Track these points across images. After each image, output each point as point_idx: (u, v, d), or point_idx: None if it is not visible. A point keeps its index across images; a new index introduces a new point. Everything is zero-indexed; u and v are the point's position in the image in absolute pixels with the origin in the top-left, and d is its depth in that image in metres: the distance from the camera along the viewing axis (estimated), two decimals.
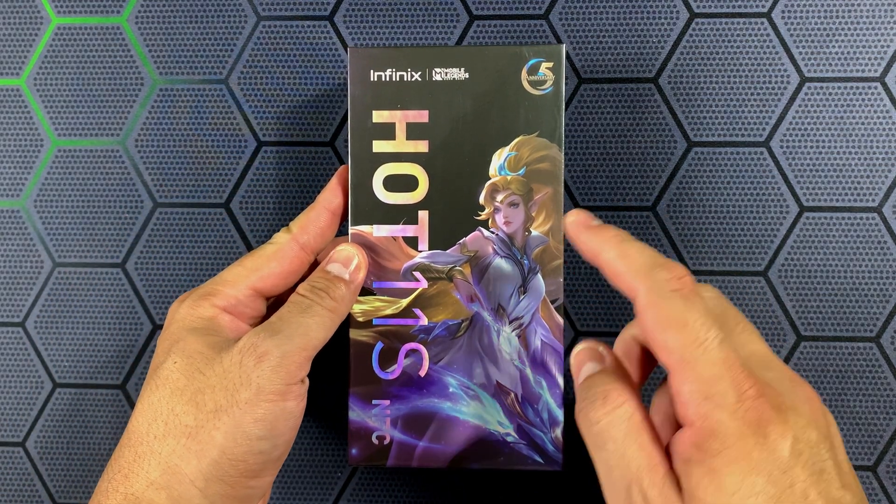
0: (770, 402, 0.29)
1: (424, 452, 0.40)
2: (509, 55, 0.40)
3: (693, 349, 0.30)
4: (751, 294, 0.45)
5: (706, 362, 0.30)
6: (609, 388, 0.32)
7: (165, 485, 0.34)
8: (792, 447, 0.29)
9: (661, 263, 0.32)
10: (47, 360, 0.48)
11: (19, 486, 0.48)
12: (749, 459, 0.28)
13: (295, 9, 0.47)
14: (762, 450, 0.28)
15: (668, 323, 0.31)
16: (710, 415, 0.29)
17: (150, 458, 0.34)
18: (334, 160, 0.47)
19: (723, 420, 0.29)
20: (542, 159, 0.39)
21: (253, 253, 0.39)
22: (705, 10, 0.46)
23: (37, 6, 0.48)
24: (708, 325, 0.30)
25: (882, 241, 0.45)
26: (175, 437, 0.35)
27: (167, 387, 0.36)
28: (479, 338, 0.40)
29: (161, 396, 0.36)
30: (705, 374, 0.29)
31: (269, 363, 0.35)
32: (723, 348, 0.30)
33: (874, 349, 0.45)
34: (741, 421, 0.29)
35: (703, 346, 0.30)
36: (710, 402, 0.29)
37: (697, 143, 0.46)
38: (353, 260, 0.39)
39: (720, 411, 0.29)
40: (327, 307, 0.38)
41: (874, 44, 0.45)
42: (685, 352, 0.30)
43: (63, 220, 0.48)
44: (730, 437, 0.29)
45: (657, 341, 0.31)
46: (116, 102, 0.47)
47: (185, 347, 0.36)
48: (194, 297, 0.38)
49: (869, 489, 0.45)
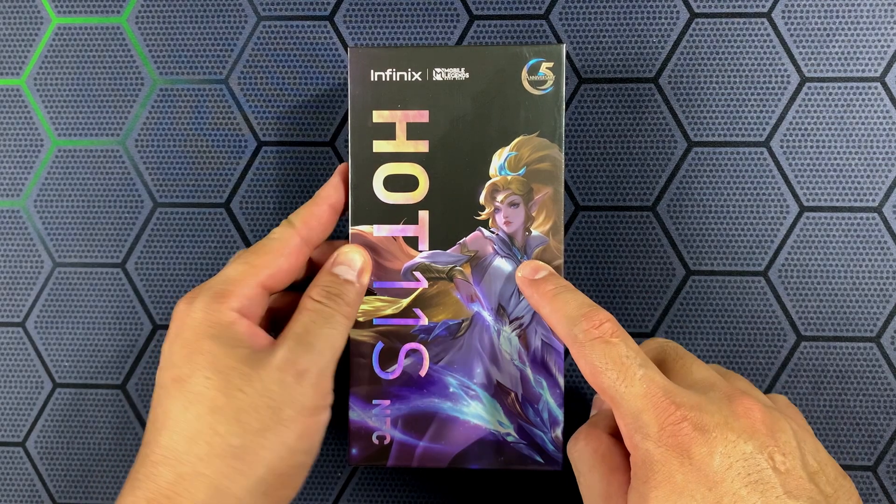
0: (692, 423, 0.31)
1: (425, 452, 0.40)
2: (509, 55, 0.40)
3: (618, 388, 0.33)
4: (751, 294, 0.45)
5: (631, 397, 0.32)
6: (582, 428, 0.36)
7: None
8: (720, 462, 0.30)
9: (584, 314, 0.35)
10: (47, 360, 0.48)
11: (19, 486, 0.48)
12: (672, 482, 0.31)
13: (295, 9, 0.47)
14: (687, 470, 0.31)
15: (594, 369, 0.34)
16: (639, 445, 0.32)
17: (196, 479, 0.34)
18: (334, 160, 0.47)
19: (649, 449, 0.32)
20: (543, 159, 0.40)
21: (256, 249, 0.39)
22: (705, 10, 0.46)
23: (37, 6, 0.48)
24: (631, 360, 0.33)
25: (882, 241, 0.45)
26: (221, 458, 0.34)
27: (203, 404, 0.35)
28: (480, 338, 0.40)
29: (198, 414, 0.35)
30: (632, 409, 0.32)
31: (308, 380, 0.36)
32: (643, 382, 0.33)
33: (874, 349, 0.45)
34: (665, 447, 0.31)
35: (627, 383, 0.33)
36: (639, 434, 0.32)
37: (697, 143, 0.46)
38: (359, 262, 0.39)
39: (646, 441, 0.32)
40: (344, 314, 0.38)
41: (874, 44, 0.45)
42: (613, 392, 0.33)
43: (63, 220, 0.48)
44: (655, 464, 0.31)
45: (594, 386, 0.34)
46: (116, 102, 0.47)
47: (215, 362, 0.35)
48: (206, 299, 0.37)
49: (869, 489, 0.45)
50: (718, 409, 0.32)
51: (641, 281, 0.46)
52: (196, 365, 0.35)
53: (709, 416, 0.31)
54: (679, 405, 0.32)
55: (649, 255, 0.46)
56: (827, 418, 0.45)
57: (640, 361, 0.33)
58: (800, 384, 0.45)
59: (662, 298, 0.46)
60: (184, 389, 0.35)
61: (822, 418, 0.45)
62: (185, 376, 0.35)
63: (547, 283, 0.38)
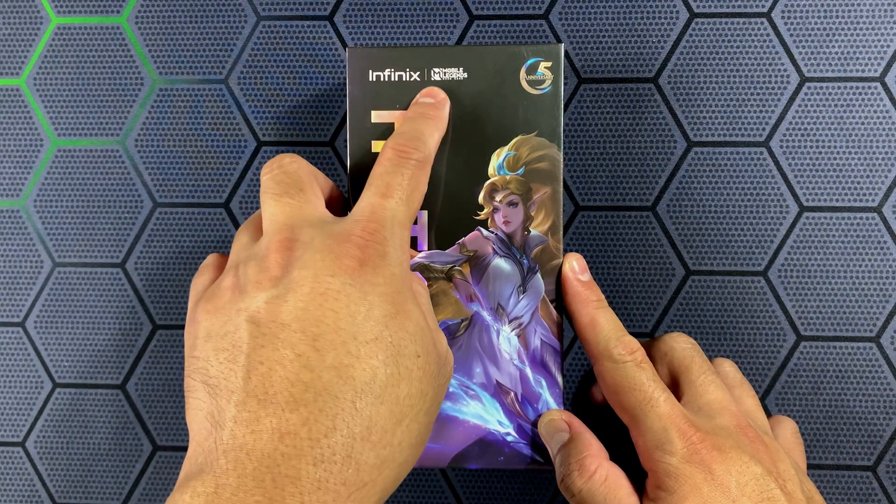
0: (712, 444, 0.35)
1: (424, 452, 0.40)
2: (508, 55, 0.40)
3: (642, 407, 0.36)
4: (751, 294, 0.45)
5: (654, 417, 0.36)
6: (583, 458, 0.37)
7: None
8: (737, 480, 0.34)
9: (620, 337, 0.38)
10: (47, 360, 0.48)
11: (19, 486, 0.48)
12: (700, 493, 0.34)
13: (295, 9, 0.47)
14: (711, 484, 0.34)
15: (621, 388, 0.37)
16: (662, 460, 0.35)
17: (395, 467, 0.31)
18: (334, 160, 0.47)
19: (673, 463, 0.35)
20: (541, 159, 0.39)
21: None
22: (705, 10, 0.46)
23: (37, 6, 0.48)
24: (654, 386, 0.36)
25: (882, 241, 0.45)
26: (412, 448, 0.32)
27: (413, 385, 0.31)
28: (479, 337, 0.40)
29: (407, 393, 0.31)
30: (654, 427, 0.35)
31: None
32: (668, 404, 0.36)
33: (874, 349, 0.45)
34: (689, 462, 0.34)
35: (650, 404, 0.36)
36: (661, 451, 0.35)
37: (697, 143, 0.46)
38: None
39: (670, 457, 0.35)
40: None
41: (874, 44, 0.45)
42: (636, 411, 0.36)
43: (63, 220, 0.48)
44: (681, 477, 0.34)
45: (614, 403, 0.37)
46: (116, 102, 0.47)
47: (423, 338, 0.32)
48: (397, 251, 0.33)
49: (869, 489, 0.45)
50: (729, 434, 0.36)
51: (641, 281, 0.46)
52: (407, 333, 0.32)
53: (723, 440, 0.35)
54: (698, 428, 0.35)
55: (649, 255, 0.46)
56: (826, 418, 0.45)
57: (662, 388, 0.37)
58: (799, 384, 0.45)
59: (662, 298, 0.46)
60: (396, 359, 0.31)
61: (822, 418, 0.45)
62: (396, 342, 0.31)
63: (591, 293, 0.39)
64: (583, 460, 0.37)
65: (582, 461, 0.37)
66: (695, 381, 0.38)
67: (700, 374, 0.39)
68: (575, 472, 0.36)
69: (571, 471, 0.37)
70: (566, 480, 0.37)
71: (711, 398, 0.38)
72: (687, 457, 0.34)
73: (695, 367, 0.39)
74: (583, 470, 0.36)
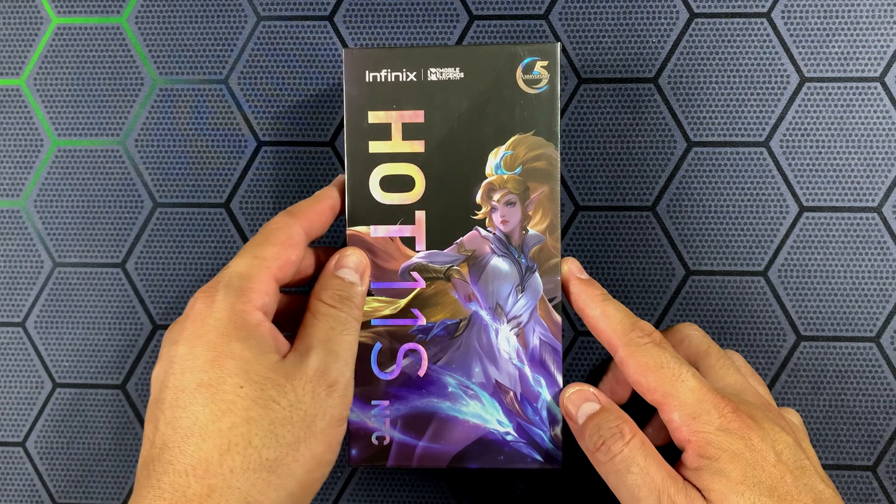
0: (746, 414, 0.36)
1: (424, 452, 0.40)
2: (504, 54, 0.39)
3: (673, 383, 0.36)
4: (751, 294, 0.45)
5: (686, 391, 0.36)
6: (621, 423, 0.37)
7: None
8: (773, 447, 0.35)
9: (634, 323, 0.38)
10: (47, 360, 0.48)
11: (19, 486, 0.48)
12: (743, 458, 0.35)
13: (295, 9, 0.47)
14: (751, 451, 0.35)
15: (647, 368, 0.37)
16: (700, 430, 0.35)
17: (228, 492, 0.33)
18: (334, 160, 0.47)
19: (712, 432, 0.35)
20: (539, 158, 0.39)
21: (262, 240, 0.37)
22: (705, 10, 0.45)
23: (37, 6, 0.48)
24: (680, 363, 0.37)
25: (882, 241, 0.45)
26: (255, 472, 0.33)
27: (237, 414, 0.33)
28: (478, 337, 0.40)
29: (231, 424, 0.33)
30: (688, 401, 0.36)
31: (338, 392, 0.36)
32: (697, 378, 0.37)
33: (874, 349, 0.45)
34: (726, 431, 0.35)
35: (681, 379, 0.36)
36: (699, 421, 0.36)
37: (697, 143, 0.45)
38: (362, 264, 0.39)
39: (708, 426, 0.35)
40: (356, 318, 0.38)
41: (874, 44, 0.45)
42: (667, 387, 0.36)
43: (63, 220, 0.48)
44: (723, 444, 0.35)
45: (641, 384, 0.37)
46: (116, 102, 0.47)
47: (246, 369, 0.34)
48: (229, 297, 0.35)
49: (869, 489, 0.45)
50: (757, 408, 0.37)
51: (641, 281, 0.46)
52: (226, 371, 0.34)
53: (756, 412, 0.36)
54: (730, 400, 0.36)
55: (649, 255, 0.46)
56: (826, 418, 0.45)
57: (687, 365, 0.37)
58: (799, 384, 0.45)
59: (662, 298, 0.46)
60: (214, 397, 0.34)
61: (822, 418, 0.45)
62: (214, 382, 0.34)
63: (594, 287, 0.40)
64: (621, 426, 0.37)
65: (620, 427, 0.37)
66: (714, 365, 0.40)
67: (718, 359, 0.40)
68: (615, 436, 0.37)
69: (611, 435, 0.37)
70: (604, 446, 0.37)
71: (731, 380, 0.39)
72: (724, 426, 0.35)
73: (713, 351, 0.40)
74: (623, 433, 0.37)
